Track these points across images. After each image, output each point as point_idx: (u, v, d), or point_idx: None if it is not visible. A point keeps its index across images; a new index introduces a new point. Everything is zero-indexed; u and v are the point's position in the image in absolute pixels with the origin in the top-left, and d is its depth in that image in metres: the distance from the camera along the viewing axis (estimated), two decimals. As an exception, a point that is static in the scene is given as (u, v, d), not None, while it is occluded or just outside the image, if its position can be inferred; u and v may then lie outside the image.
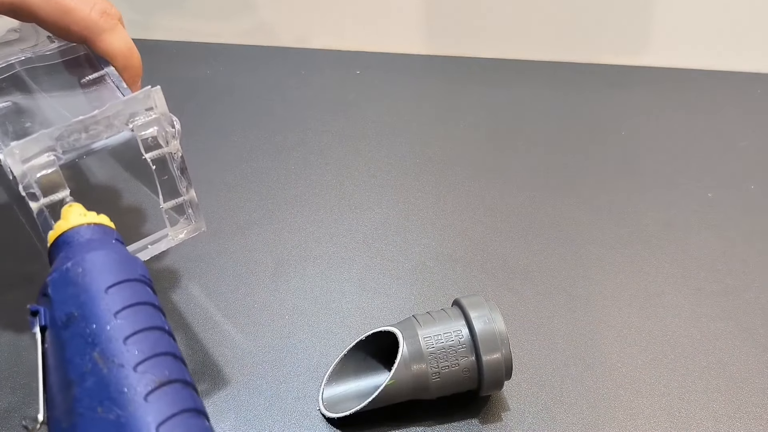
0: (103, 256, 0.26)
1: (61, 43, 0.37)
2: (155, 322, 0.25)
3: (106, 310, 0.25)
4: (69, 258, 0.26)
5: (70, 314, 0.25)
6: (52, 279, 0.26)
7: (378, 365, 0.35)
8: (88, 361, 0.24)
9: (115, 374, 0.23)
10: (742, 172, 0.51)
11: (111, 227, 0.29)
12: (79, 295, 0.25)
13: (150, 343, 0.24)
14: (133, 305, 0.25)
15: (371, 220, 0.46)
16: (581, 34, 0.64)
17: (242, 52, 0.64)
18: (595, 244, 0.45)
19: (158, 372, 0.24)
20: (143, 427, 0.22)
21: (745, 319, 0.40)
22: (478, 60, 0.64)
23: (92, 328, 0.24)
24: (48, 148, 0.30)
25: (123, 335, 0.24)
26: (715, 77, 0.62)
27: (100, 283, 0.25)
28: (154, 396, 0.23)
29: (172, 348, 0.25)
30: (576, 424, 0.34)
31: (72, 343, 0.24)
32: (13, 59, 0.36)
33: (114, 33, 0.35)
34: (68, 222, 0.28)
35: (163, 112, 0.32)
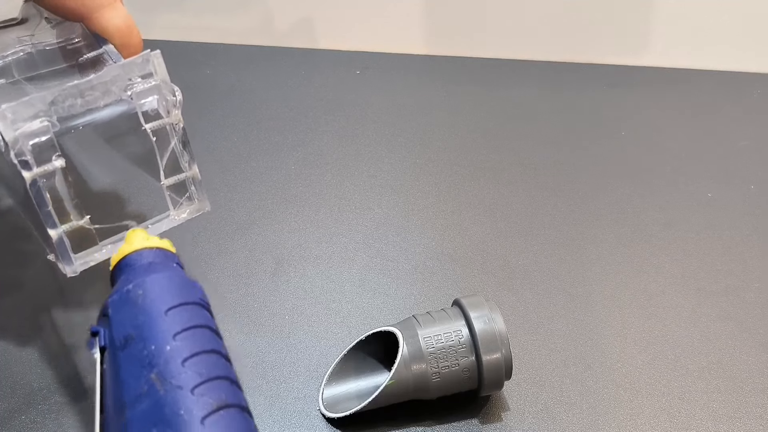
0: (163, 279, 0.26)
1: (57, 21, 0.35)
2: (213, 345, 0.25)
3: (165, 332, 0.24)
4: (130, 280, 0.26)
5: (128, 336, 0.25)
6: (112, 300, 0.26)
7: (378, 365, 0.35)
8: (144, 383, 0.23)
9: (172, 396, 0.23)
10: (742, 172, 0.51)
11: (172, 251, 0.29)
12: (138, 316, 0.25)
13: (208, 365, 0.24)
14: (191, 328, 0.25)
15: (371, 220, 0.46)
16: (581, 34, 0.64)
17: (242, 52, 0.64)
18: (595, 244, 0.45)
19: (215, 395, 0.23)
20: None
21: (745, 319, 0.40)
22: (478, 60, 0.64)
23: (150, 349, 0.24)
24: (41, 113, 0.28)
25: (181, 357, 0.24)
26: (715, 77, 0.62)
27: (159, 305, 0.25)
28: (210, 420, 0.22)
29: (230, 372, 0.25)
30: (576, 424, 0.34)
31: (128, 364, 0.24)
32: (9, 57, 0.34)
33: (112, 9, 0.33)
34: (131, 245, 0.28)
35: (163, 79, 0.31)
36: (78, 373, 0.35)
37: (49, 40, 0.35)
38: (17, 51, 0.35)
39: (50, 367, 0.36)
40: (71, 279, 0.31)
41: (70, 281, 0.31)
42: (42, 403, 0.34)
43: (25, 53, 0.35)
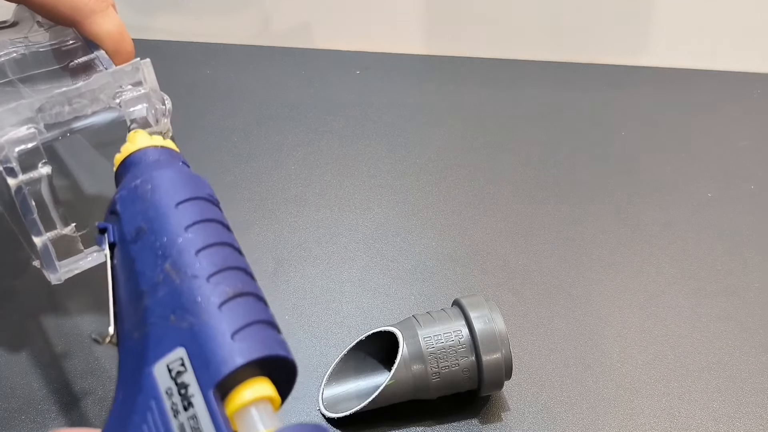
0: (172, 173, 0.26)
1: (50, 25, 0.35)
2: (226, 238, 0.25)
3: (176, 224, 0.24)
4: (137, 176, 0.26)
5: (140, 228, 0.25)
6: (120, 196, 0.26)
7: (378, 365, 0.35)
8: (159, 273, 0.23)
9: (188, 284, 0.23)
10: (742, 172, 0.51)
11: (177, 151, 0.29)
12: (149, 210, 0.25)
13: (221, 256, 0.24)
14: (203, 221, 0.25)
15: (371, 220, 0.46)
16: (581, 34, 0.64)
17: (242, 52, 0.64)
18: (595, 244, 0.45)
19: (231, 284, 0.23)
20: (218, 335, 0.22)
21: (745, 319, 0.40)
22: (478, 60, 0.64)
23: (163, 241, 0.24)
24: (28, 120, 0.28)
25: (195, 248, 0.24)
26: (715, 77, 0.62)
27: (169, 198, 0.25)
28: (228, 306, 0.22)
29: (243, 264, 0.25)
30: (576, 424, 0.34)
31: (142, 255, 0.24)
32: (2, 57, 0.34)
33: (104, 15, 0.33)
34: (135, 144, 0.28)
35: (153, 88, 0.31)
36: (70, 379, 0.35)
37: (42, 41, 0.35)
38: (10, 51, 0.35)
39: (42, 373, 0.36)
40: (63, 287, 0.31)
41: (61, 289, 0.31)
42: (35, 409, 0.34)
43: (18, 54, 0.35)
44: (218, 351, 0.21)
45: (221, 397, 0.21)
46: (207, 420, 0.20)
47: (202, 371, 0.21)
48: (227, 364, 0.21)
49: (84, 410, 0.34)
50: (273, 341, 0.23)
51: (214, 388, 0.21)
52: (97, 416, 0.34)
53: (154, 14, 0.66)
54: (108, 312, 0.24)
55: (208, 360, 0.21)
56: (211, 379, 0.21)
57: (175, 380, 0.21)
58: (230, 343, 0.21)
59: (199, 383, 0.21)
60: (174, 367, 0.21)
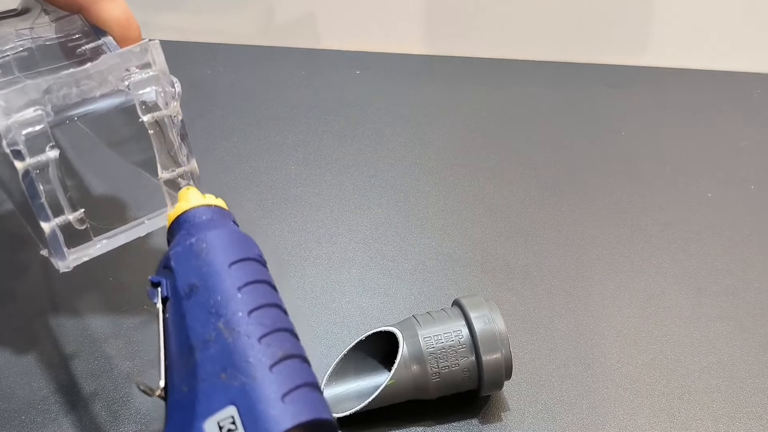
0: (225, 234, 0.27)
1: (56, 14, 0.34)
2: (275, 299, 0.26)
3: (230, 284, 0.25)
4: (192, 234, 0.27)
5: (193, 285, 0.25)
6: (175, 252, 0.26)
7: (378, 365, 0.35)
8: (212, 330, 0.24)
9: (241, 344, 0.23)
10: (742, 172, 0.51)
11: (227, 210, 0.29)
12: (202, 267, 0.25)
13: (271, 318, 0.25)
14: (254, 282, 0.25)
15: (371, 220, 0.46)
16: (581, 34, 0.64)
17: (242, 52, 0.64)
18: (595, 244, 0.45)
19: (281, 345, 0.24)
20: (270, 396, 0.22)
21: (745, 319, 0.40)
22: (478, 60, 0.64)
23: (216, 299, 0.24)
24: (35, 102, 0.27)
25: (247, 308, 0.24)
26: (715, 77, 0.62)
27: (223, 258, 0.26)
28: (278, 368, 0.23)
29: (290, 325, 0.25)
30: (576, 424, 0.34)
31: (195, 312, 0.25)
32: (9, 52, 0.34)
33: (111, 1, 0.33)
34: (188, 203, 0.29)
35: (162, 70, 0.30)
36: (70, 380, 0.35)
37: (48, 35, 0.35)
38: (17, 46, 0.34)
39: (43, 374, 0.36)
40: (64, 288, 0.31)
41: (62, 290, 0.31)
42: (38, 409, 0.34)
43: (25, 49, 0.34)
44: (269, 412, 0.22)
45: None
46: None
47: (253, 430, 0.22)
48: (278, 425, 0.22)
49: (84, 411, 0.34)
50: (319, 404, 0.23)
51: None
52: (97, 417, 0.34)
53: (154, 13, 0.66)
54: (159, 366, 0.25)
55: (260, 420, 0.22)
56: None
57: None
58: (281, 405, 0.22)
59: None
60: (225, 424, 0.22)
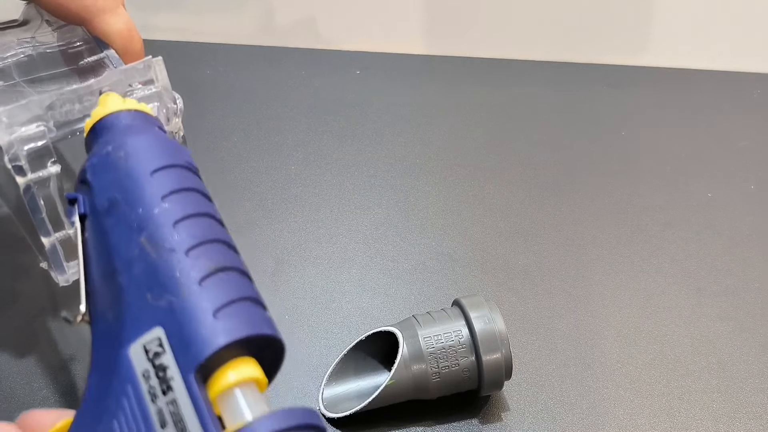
0: (146, 140, 0.24)
1: (58, 24, 0.35)
2: (206, 209, 0.23)
3: (152, 194, 0.22)
4: (109, 142, 0.24)
5: (113, 199, 0.23)
6: (91, 164, 0.24)
7: (378, 365, 0.35)
8: (134, 247, 0.21)
9: (166, 259, 0.21)
10: (742, 172, 0.51)
11: (152, 115, 0.27)
12: (122, 179, 0.23)
13: (201, 228, 0.22)
14: (181, 190, 0.23)
15: (371, 220, 0.46)
16: (581, 34, 0.64)
17: (242, 52, 0.64)
18: (595, 244, 0.45)
19: (212, 257, 0.21)
20: (199, 313, 0.20)
21: (745, 319, 0.40)
22: (478, 60, 0.64)
23: (138, 213, 0.22)
24: (37, 118, 0.27)
25: (172, 219, 0.22)
26: (715, 77, 0.62)
27: (144, 166, 0.23)
28: (209, 281, 0.20)
29: (226, 236, 0.23)
30: (576, 424, 0.34)
31: (116, 229, 0.22)
32: (9, 58, 0.34)
33: (114, 14, 0.33)
34: (106, 107, 0.26)
35: (164, 86, 0.30)
36: (74, 381, 0.35)
37: (50, 42, 0.35)
38: (17, 53, 0.34)
39: (43, 375, 0.36)
40: (66, 289, 0.31)
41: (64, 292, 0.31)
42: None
43: (26, 55, 0.34)
44: (199, 330, 0.19)
45: (203, 380, 0.19)
46: (188, 404, 0.19)
47: (182, 352, 0.19)
48: (209, 344, 0.19)
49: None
50: (258, 319, 0.21)
51: (195, 371, 0.19)
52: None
53: (155, 14, 0.66)
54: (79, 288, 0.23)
55: (189, 340, 0.19)
56: (191, 361, 0.19)
57: (152, 362, 0.20)
58: (212, 321, 0.20)
59: (179, 365, 0.19)
60: (151, 348, 0.20)
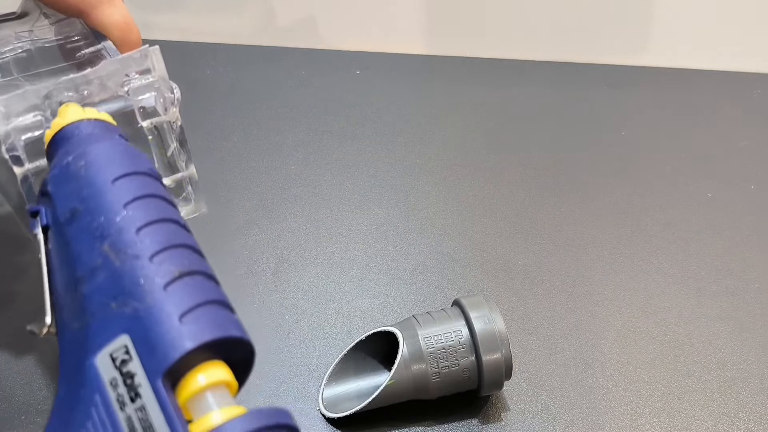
0: (106, 148, 0.24)
1: (56, 17, 0.34)
2: (169, 214, 0.23)
3: (114, 201, 0.22)
4: (69, 153, 0.24)
5: (74, 209, 0.23)
6: (51, 176, 0.24)
7: (378, 365, 0.35)
8: (97, 256, 0.21)
9: (130, 266, 0.21)
10: (742, 172, 0.51)
11: (113, 123, 0.27)
12: (83, 188, 0.23)
13: (165, 234, 0.22)
14: (143, 197, 0.23)
15: (371, 220, 0.46)
16: (581, 34, 0.64)
17: (242, 52, 0.64)
18: (595, 244, 0.45)
19: (177, 263, 0.21)
20: (164, 318, 0.20)
21: (745, 319, 0.40)
22: (478, 60, 0.64)
23: (100, 221, 0.22)
24: (34, 107, 0.27)
25: (135, 226, 0.22)
26: (715, 77, 0.62)
27: (105, 174, 0.23)
28: (174, 287, 0.20)
29: (190, 241, 0.23)
30: (576, 424, 0.34)
31: (78, 238, 0.22)
32: (8, 54, 0.34)
33: (111, 5, 0.33)
34: (66, 118, 0.26)
35: (162, 76, 0.30)
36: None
37: (48, 37, 0.35)
38: (16, 48, 0.34)
39: (43, 375, 0.36)
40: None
41: None
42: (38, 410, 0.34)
43: (24, 50, 0.34)
44: (165, 335, 0.19)
45: (172, 386, 0.19)
46: (156, 410, 0.19)
47: (149, 358, 0.19)
48: (176, 348, 0.19)
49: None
50: (226, 321, 0.21)
51: (162, 376, 0.19)
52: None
53: (154, 13, 0.66)
54: (44, 302, 0.23)
55: (155, 345, 0.19)
56: (158, 366, 0.19)
57: (120, 370, 0.20)
58: (178, 326, 0.19)
59: (146, 371, 0.19)
60: (118, 355, 0.20)
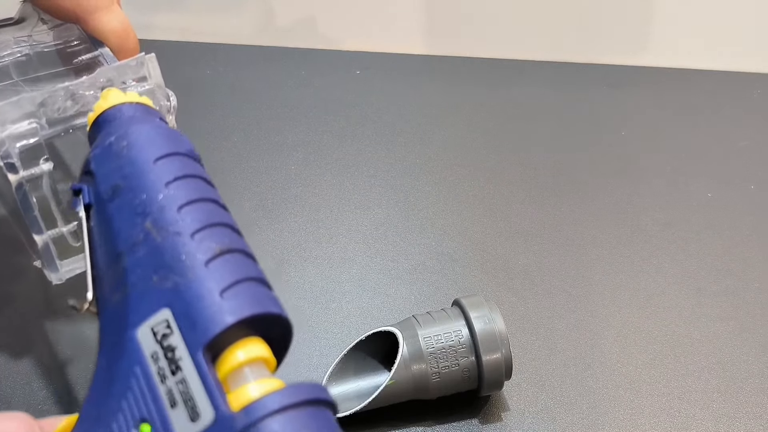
0: (148, 129, 0.25)
1: (54, 23, 0.35)
2: (209, 194, 0.23)
3: (156, 180, 0.23)
4: (111, 133, 0.25)
5: (116, 186, 0.23)
6: (94, 155, 0.25)
7: (378, 365, 0.35)
8: (139, 232, 0.22)
9: (171, 242, 0.21)
10: (742, 172, 0.51)
11: (153, 107, 0.27)
12: (125, 167, 0.23)
13: (206, 212, 0.22)
14: (184, 176, 0.23)
15: (371, 220, 0.46)
16: (581, 34, 0.64)
17: (242, 52, 0.64)
18: (595, 244, 0.45)
19: (217, 240, 0.21)
20: (206, 293, 0.20)
21: (745, 319, 0.40)
22: (478, 60, 0.64)
23: (142, 198, 0.22)
24: (30, 115, 0.27)
25: (177, 204, 0.22)
26: (715, 77, 0.62)
27: (147, 154, 0.24)
28: (215, 263, 0.21)
29: (230, 220, 0.23)
30: (576, 424, 0.34)
31: (120, 214, 0.23)
32: (7, 58, 0.34)
33: (109, 11, 0.33)
34: (108, 101, 0.26)
35: (158, 83, 0.30)
36: (70, 381, 0.35)
37: (47, 41, 0.35)
38: (15, 52, 0.34)
39: (42, 375, 0.36)
40: (62, 291, 0.31)
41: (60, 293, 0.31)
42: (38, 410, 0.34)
43: (23, 54, 0.34)
44: (206, 310, 0.20)
45: (212, 360, 0.19)
46: (197, 383, 0.19)
47: (190, 332, 0.19)
48: (217, 323, 0.19)
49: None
50: (265, 298, 0.21)
51: (203, 350, 0.19)
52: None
53: (154, 14, 0.66)
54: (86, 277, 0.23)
55: (196, 320, 0.19)
56: (199, 340, 0.19)
57: (161, 343, 0.20)
58: (219, 301, 0.20)
59: (187, 345, 0.19)
60: (159, 329, 0.20)
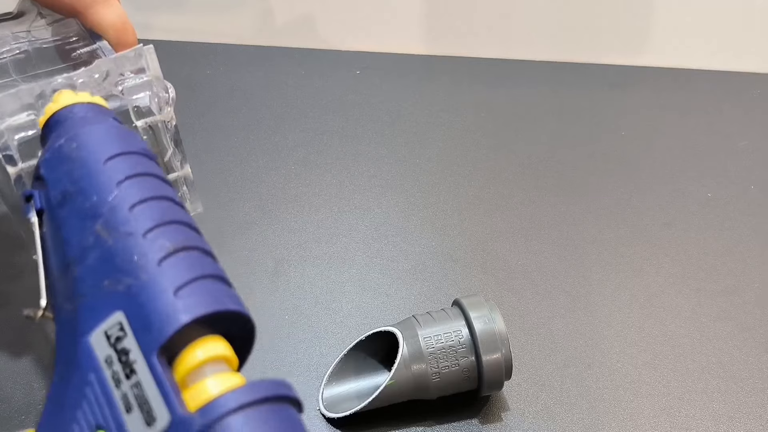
0: (99, 130, 0.24)
1: (53, 18, 0.34)
2: (164, 192, 0.22)
3: (106, 181, 0.22)
4: (61, 136, 0.24)
5: (66, 191, 0.22)
6: (44, 159, 0.24)
7: (378, 365, 0.35)
8: (89, 236, 0.21)
9: (123, 243, 0.20)
10: (742, 172, 0.51)
11: (106, 107, 0.27)
12: (75, 170, 0.23)
13: (159, 211, 0.21)
14: (136, 175, 0.22)
15: (371, 220, 0.46)
16: (581, 34, 0.64)
17: (242, 52, 0.64)
18: (595, 244, 0.45)
19: (171, 238, 0.21)
20: (159, 293, 0.19)
21: (745, 319, 0.40)
22: (478, 60, 0.64)
23: (92, 201, 0.22)
24: (28, 106, 0.27)
25: (128, 203, 0.21)
26: (715, 77, 0.62)
27: (97, 155, 0.23)
28: (168, 262, 0.20)
29: (186, 218, 0.22)
30: (576, 424, 0.34)
31: (70, 220, 0.22)
32: (6, 55, 0.34)
33: (107, 5, 0.33)
34: (58, 103, 0.26)
35: (156, 75, 0.30)
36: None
37: (46, 37, 0.35)
38: (13, 49, 0.34)
39: (42, 374, 0.36)
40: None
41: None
42: (38, 410, 0.34)
43: (22, 51, 0.34)
44: (160, 310, 0.19)
45: (168, 361, 0.19)
46: (152, 386, 0.18)
47: (144, 334, 0.19)
48: (171, 323, 0.19)
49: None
50: (223, 295, 0.20)
51: (158, 351, 0.18)
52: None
53: (154, 13, 0.66)
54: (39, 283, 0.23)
55: (150, 321, 0.19)
56: (154, 342, 0.18)
57: (114, 347, 0.19)
58: (173, 300, 0.19)
59: (141, 348, 0.19)
60: (113, 332, 0.19)
